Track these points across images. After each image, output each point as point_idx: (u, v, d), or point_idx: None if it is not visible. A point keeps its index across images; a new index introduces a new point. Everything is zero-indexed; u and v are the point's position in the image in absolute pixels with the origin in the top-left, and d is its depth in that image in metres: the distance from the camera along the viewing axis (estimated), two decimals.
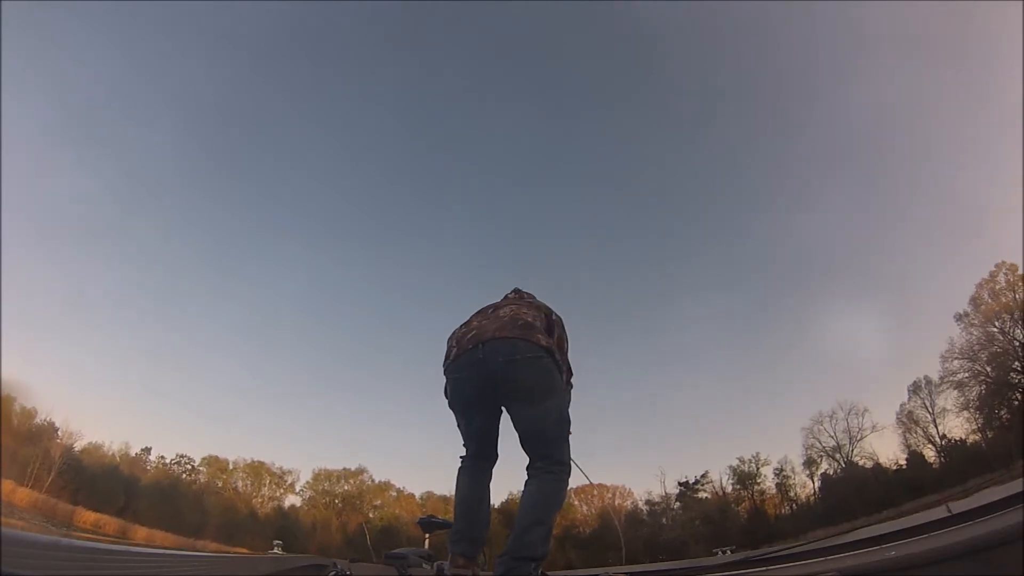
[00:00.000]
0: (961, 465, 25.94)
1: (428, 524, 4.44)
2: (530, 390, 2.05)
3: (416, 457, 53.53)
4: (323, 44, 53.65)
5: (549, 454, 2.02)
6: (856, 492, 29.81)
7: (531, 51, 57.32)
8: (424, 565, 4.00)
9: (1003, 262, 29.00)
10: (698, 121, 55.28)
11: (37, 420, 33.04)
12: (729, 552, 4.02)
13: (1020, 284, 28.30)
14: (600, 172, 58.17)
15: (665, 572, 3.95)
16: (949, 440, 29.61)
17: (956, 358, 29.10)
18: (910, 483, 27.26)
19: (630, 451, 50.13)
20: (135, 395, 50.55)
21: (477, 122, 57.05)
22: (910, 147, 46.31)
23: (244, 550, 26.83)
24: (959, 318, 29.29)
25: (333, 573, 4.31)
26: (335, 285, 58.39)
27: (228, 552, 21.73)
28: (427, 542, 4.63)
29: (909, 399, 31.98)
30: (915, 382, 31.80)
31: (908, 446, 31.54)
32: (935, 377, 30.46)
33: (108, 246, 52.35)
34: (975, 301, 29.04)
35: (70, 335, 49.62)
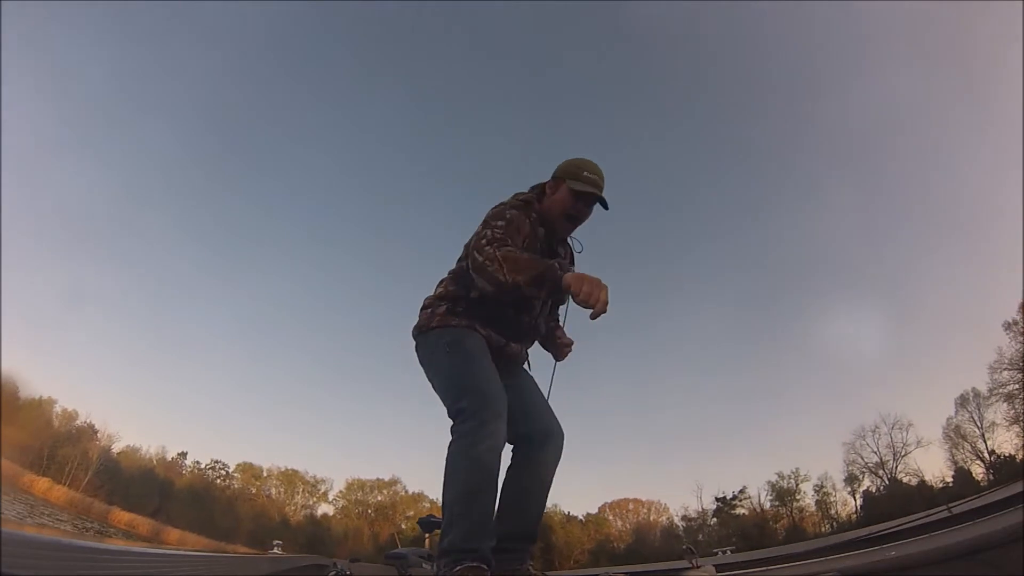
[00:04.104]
0: (1011, 482, 25.02)
1: (428, 524, 4.45)
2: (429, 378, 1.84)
3: None
4: (321, 44, 53.75)
5: (452, 420, 1.65)
6: (900, 510, 28.51)
7: (532, 50, 57.39)
8: (424, 565, 4.00)
9: None
10: (700, 119, 55.31)
11: (77, 422, 34.24)
12: (729, 552, 4.01)
13: None
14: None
15: (664, 572, 3.94)
16: (998, 456, 28.19)
17: (1006, 368, 27.52)
18: (956, 500, 26.52)
19: (666, 466, 49.50)
20: (171, 401, 52.04)
21: (476, 122, 57.28)
22: (910, 146, 46.34)
23: (245, 550, 26.84)
24: (1007, 327, 27.65)
25: (333, 573, 4.31)
26: (364, 289, 58.64)
27: (228, 552, 21.70)
28: (427, 542, 4.63)
29: (956, 412, 30.56)
30: (962, 395, 30.32)
31: (955, 462, 30.17)
32: (983, 389, 29.01)
33: (125, 247, 52.92)
34: None
35: (103, 338, 50.38)
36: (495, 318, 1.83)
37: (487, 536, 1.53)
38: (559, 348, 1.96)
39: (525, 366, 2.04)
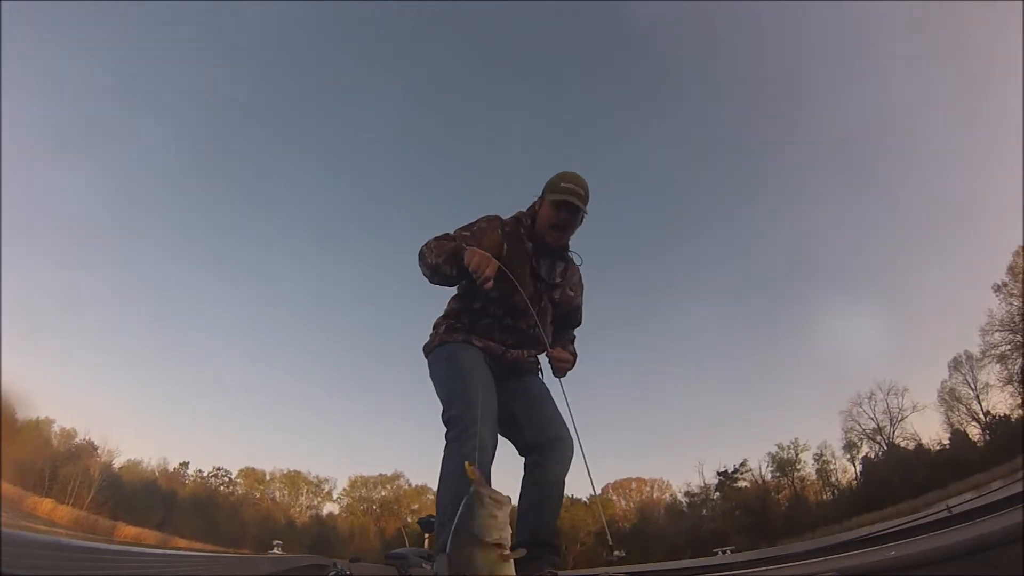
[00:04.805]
0: (1007, 441, 24.52)
1: (428, 524, 4.45)
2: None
3: None
4: (321, 44, 53.74)
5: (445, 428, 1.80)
6: (899, 475, 28.72)
7: (529, 51, 57.42)
8: (424, 565, 4.00)
9: None
10: (698, 120, 55.39)
11: (77, 440, 34.20)
12: (729, 552, 4.01)
13: None
14: (601, 172, 58.18)
15: (665, 572, 3.94)
16: (993, 416, 28.41)
17: (997, 330, 27.64)
18: (954, 463, 26.12)
19: (667, 443, 49.50)
20: (169, 408, 52.43)
21: (477, 123, 57.26)
22: (910, 146, 46.48)
23: (245, 550, 26.89)
24: (997, 289, 27.70)
25: (333, 573, 4.32)
26: (361, 289, 58.57)
27: (228, 552, 21.70)
28: (427, 542, 4.63)
29: (950, 376, 30.83)
30: (955, 358, 30.60)
31: (951, 424, 30.42)
32: (976, 351, 29.21)
33: (121, 250, 52.99)
34: (1012, 270, 27.44)
35: (98, 347, 50.38)
36: (494, 327, 1.95)
37: None
38: (552, 362, 1.99)
39: (540, 376, 2.10)
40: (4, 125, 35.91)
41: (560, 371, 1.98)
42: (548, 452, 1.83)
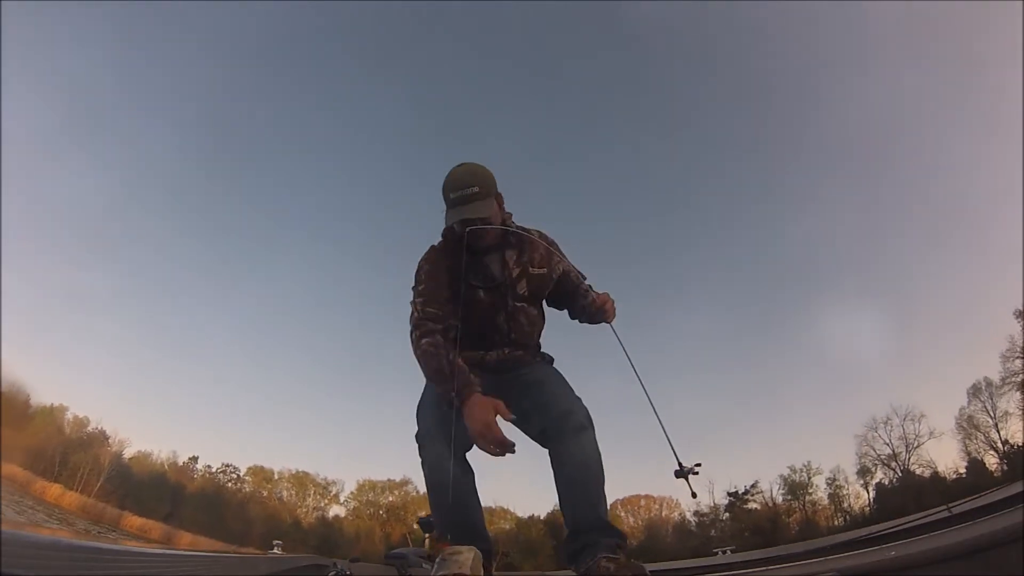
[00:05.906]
0: (1011, 482, 23.30)
1: (428, 524, 4.45)
2: None
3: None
4: (322, 42, 53.79)
5: None
6: (913, 502, 27.46)
7: (527, 51, 57.44)
8: (424, 565, 4.00)
9: None
10: (699, 120, 55.30)
11: (88, 428, 34.77)
12: (729, 552, 4.01)
13: None
14: (602, 172, 58.15)
15: (665, 572, 3.94)
16: (1012, 445, 27.84)
17: (1018, 357, 27.39)
18: (970, 492, 25.78)
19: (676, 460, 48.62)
20: (181, 404, 52.97)
21: (478, 122, 57.24)
22: (910, 146, 46.36)
23: (250, 550, 26.96)
24: (1019, 315, 27.35)
25: (333, 573, 4.32)
26: (368, 290, 58.48)
27: (228, 552, 21.73)
28: (426, 542, 4.63)
29: (969, 403, 30.23)
30: (975, 384, 30.00)
31: (968, 453, 29.86)
32: (996, 378, 28.79)
33: (129, 249, 53.14)
34: None
35: (109, 343, 50.56)
36: (465, 339, 1.88)
37: (463, 535, 1.71)
38: (600, 313, 1.91)
39: (541, 362, 2.06)
40: (4, 125, 35.94)
41: (610, 314, 1.91)
42: (560, 430, 1.75)
